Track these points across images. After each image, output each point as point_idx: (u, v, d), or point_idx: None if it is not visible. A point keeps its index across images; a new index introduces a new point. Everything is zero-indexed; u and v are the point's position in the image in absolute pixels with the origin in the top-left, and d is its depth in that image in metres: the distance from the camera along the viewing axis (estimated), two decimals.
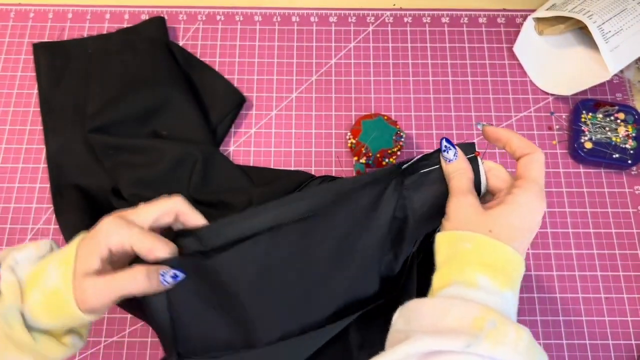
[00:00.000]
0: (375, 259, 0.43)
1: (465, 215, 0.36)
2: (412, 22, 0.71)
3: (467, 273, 0.34)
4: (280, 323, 0.42)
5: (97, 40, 0.67)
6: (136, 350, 0.56)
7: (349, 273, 0.43)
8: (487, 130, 0.40)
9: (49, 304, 0.36)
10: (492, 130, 0.40)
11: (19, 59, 0.68)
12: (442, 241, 0.37)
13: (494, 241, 0.35)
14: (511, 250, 0.35)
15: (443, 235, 0.37)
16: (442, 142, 0.39)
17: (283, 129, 0.65)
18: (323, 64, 0.69)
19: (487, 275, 0.34)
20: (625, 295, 0.59)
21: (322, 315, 0.43)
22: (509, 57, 0.70)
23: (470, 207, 0.36)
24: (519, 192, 0.36)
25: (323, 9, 0.72)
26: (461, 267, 0.35)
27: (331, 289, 0.43)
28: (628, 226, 0.62)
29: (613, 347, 0.57)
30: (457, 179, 0.38)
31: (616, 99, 0.67)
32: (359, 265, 0.43)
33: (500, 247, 0.35)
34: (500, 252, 0.35)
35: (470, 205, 0.36)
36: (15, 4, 0.71)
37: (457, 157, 0.39)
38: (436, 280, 0.36)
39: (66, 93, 0.65)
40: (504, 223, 0.35)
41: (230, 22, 0.71)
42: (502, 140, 0.40)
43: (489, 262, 0.34)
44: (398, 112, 0.66)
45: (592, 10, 0.63)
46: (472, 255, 0.35)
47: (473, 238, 0.35)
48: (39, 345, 0.36)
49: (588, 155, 0.62)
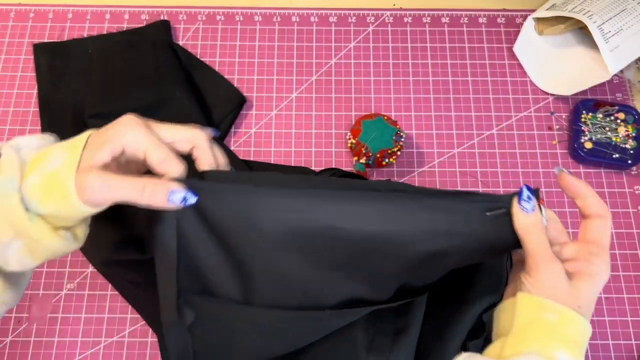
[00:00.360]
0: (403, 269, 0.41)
1: (557, 284, 0.35)
2: (412, 22, 0.71)
3: (548, 345, 0.33)
4: (280, 292, 0.41)
5: (98, 40, 0.67)
6: (136, 350, 0.56)
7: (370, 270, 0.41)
8: (565, 178, 0.37)
9: (47, 185, 0.34)
10: (571, 180, 0.37)
11: (19, 59, 0.68)
12: (526, 304, 0.35)
13: (581, 318, 0.34)
14: (590, 327, 0.35)
15: (528, 298, 0.35)
16: (524, 191, 0.36)
17: (283, 129, 0.65)
18: (323, 64, 0.69)
19: (568, 352, 0.33)
20: (625, 295, 0.59)
21: (326, 303, 0.42)
22: (509, 57, 0.70)
23: (561, 276, 0.35)
24: (600, 264, 0.35)
25: (323, 9, 0.72)
26: (543, 338, 0.34)
27: (346, 280, 0.41)
28: (628, 226, 0.62)
29: (613, 347, 0.57)
30: (539, 237, 0.36)
31: (616, 99, 0.67)
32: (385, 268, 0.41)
33: (584, 324, 0.34)
34: (583, 328, 0.34)
35: (561, 275, 0.35)
36: (15, 4, 0.71)
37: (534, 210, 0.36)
38: (510, 342, 0.35)
39: (66, 93, 0.65)
40: (589, 298, 0.35)
41: (230, 22, 0.71)
42: (579, 195, 0.37)
43: (572, 337, 0.34)
44: (398, 112, 0.66)
45: (592, 10, 0.63)
46: (556, 329, 0.34)
47: (561, 311, 0.34)
48: (33, 226, 0.34)
49: (588, 155, 0.62)
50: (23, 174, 0.34)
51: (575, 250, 0.36)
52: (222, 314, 0.42)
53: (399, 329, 0.45)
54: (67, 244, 0.36)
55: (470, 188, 0.63)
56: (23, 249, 0.35)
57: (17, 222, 0.33)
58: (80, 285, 0.58)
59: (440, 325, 0.47)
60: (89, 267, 0.58)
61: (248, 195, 0.37)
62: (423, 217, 0.37)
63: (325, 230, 0.37)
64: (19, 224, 0.34)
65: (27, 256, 0.35)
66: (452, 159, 0.64)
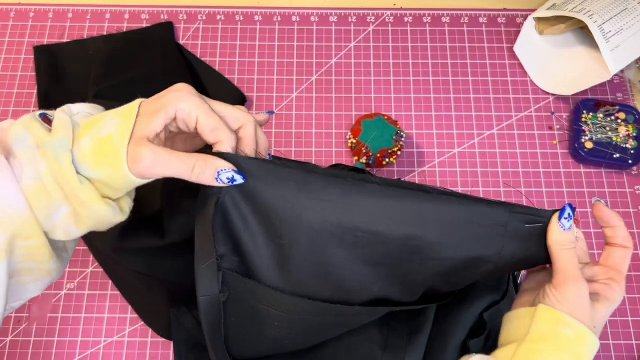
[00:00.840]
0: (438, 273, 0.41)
1: (581, 304, 0.36)
2: (413, 22, 0.71)
3: (559, 358, 0.35)
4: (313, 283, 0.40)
5: (98, 41, 0.67)
6: (136, 350, 0.56)
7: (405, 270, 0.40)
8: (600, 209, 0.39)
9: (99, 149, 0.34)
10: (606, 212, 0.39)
11: (19, 59, 0.68)
12: (546, 315, 0.37)
13: (594, 338, 0.36)
14: (598, 344, 0.36)
15: (550, 311, 0.36)
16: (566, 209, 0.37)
17: (283, 128, 0.65)
18: (323, 64, 0.69)
19: None
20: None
21: (356, 298, 0.41)
22: (509, 56, 0.70)
23: (585, 296, 0.37)
24: (618, 291, 0.37)
25: (323, 8, 0.72)
26: (557, 351, 0.35)
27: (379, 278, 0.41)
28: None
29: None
30: (571, 256, 0.37)
31: (616, 99, 0.67)
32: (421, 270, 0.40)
33: (596, 343, 0.36)
34: (594, 347, 0.36)
35: (586, 295, 0.37)
36: (15, 4, 0.71)
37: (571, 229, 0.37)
38: (523, 350, 0.36)
39: (66, 93, 0.65)
40: (603, 319, 0.37)
41: (230, 21, 0.71)
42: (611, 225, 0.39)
43: (583, 355, 0.35)
44: (398, 112, 0.66)
45: (593, 10, 0.63)
46: (571, 344, 0.35)
47: (579, 329, 0.35)
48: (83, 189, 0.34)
49: (588, 155, 0.62)
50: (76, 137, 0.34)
51: (595, 273, 0.38)
52: (254, 296, 0.41)
53: (413, 329, 0.46)
54: (113, 213, 0.36)
55: (470, 188, 0.63)
56: (69, 215, 0.35)
57: (67, 184, 0.34)
58: (80, 285, 0.58)
59: (441, 323, 0.47)
60: (89, 267, 0.59)
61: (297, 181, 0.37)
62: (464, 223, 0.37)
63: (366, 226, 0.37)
64: (70, 185, 0.34)
65: (72, 223, 0.35)
66: (452, 159, 0.64)
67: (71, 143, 0.34)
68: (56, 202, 0.34)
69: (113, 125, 0.34)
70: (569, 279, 0.36)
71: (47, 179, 0.33)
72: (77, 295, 0.57)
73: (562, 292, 0.36)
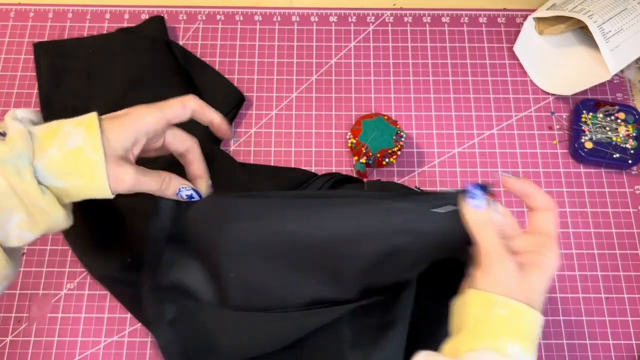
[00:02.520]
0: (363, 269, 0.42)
1: (508, 280, 0.35)
2: (413, 22, 0.71)
3: (499, 341, 0.34)
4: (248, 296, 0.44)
5: (97, 40, 0.67)
6: (136, 350, 0.56)
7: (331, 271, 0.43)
8: (509, 182, 0.38)
9: (70, 161, 0.36)
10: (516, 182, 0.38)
11: (19, 59, 0.68)
12: (475, 301, 0.36)
13: (531, 310, 0.34)
14: (541, 317, 0.35)
15: (478, 294, 0.35)
16: (469, 188, 0.37)
17: (283, 129, 0.65)
18: (323, 64, 0.69)
19: (520, 344, 0.34)
20: (625, 295, 0.59)
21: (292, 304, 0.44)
22: (509, 57, 0.70)
23: (512, 272, 0.35)
24: (550, 255, 0.36)
25: (323, 8, 0.72)
26: (494, 334, 0.34)
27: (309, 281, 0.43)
28: (628, 226, 0.62)
29: (613, 347, 0.57)
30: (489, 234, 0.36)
31: (617, 99, 0.67)
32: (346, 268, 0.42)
33: (534, 315, 0.34)
34: (534, 320, 0.35)
35: (512, 270, 0.35)
36: (15, 4, 0.71)
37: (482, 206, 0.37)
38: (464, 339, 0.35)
39: (66, 93, 0.65)
40: (539, 289, 0.35)
41: (230, 21, 0.71)
42: (526, 194, 0.38)
43: (523, 329, 0.34)
44: (398, 112, 0.66)
45: (593, 10, 0.63)
46: (507, 323, 0.34)
47: (511, 306, 0.34)
48: (45, 198, 0.36)
49: (588, 155, 0.62)
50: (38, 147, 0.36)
51: (526, 243, 0.37)
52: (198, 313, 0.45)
53: (384, 323, 0.46)
54: (67, 219, 0.39)
55: None
56: (22, 223, 0.36)
57: (28, 196, 0.35)
58: (80, 285, 0.58)
59: (430, 316, 0.47)
60: None
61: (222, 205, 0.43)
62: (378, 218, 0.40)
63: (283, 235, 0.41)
64: (31, 197, 0.35)
65: (26, 230, 0.37)
66: (452, 159, 0.64)
67: (32, 155, 0.35)
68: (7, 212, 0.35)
69: (79, 138, 0.36)
70: (492, 257, 0.36)
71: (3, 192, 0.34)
72: (77, 295, 0.57)
73: (487, 272, 0.36)
